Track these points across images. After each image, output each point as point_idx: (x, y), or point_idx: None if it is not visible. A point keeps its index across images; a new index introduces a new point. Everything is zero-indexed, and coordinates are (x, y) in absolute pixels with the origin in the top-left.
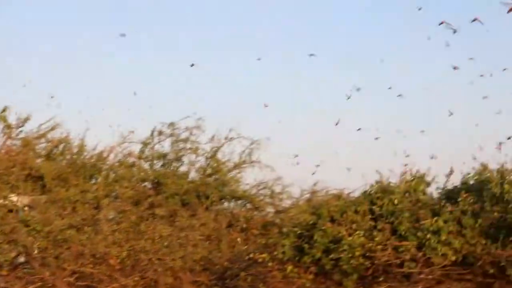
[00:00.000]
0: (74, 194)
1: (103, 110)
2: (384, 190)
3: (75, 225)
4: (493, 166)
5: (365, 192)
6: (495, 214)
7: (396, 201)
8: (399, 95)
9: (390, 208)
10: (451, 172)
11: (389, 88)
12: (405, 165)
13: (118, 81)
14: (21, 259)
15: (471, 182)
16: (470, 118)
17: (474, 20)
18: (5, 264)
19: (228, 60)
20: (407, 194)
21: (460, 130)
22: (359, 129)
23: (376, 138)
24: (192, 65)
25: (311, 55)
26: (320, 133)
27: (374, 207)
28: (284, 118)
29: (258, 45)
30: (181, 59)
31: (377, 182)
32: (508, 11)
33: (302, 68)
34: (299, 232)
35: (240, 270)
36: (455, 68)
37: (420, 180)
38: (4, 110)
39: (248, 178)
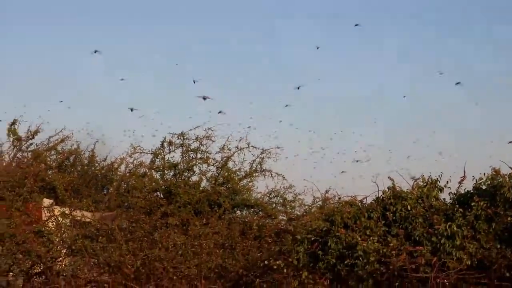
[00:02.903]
0: (87, 204)
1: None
2: (396, 196)
3: (89, 235)
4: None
5: (377, 198)
6: (509, 218)
7: (409, 207)
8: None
9: (403, 213)
10: (464, 177)
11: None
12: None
13: None
14: (36, 269)
15: (484, 187)
16: None
17: None
18: (20, 275)
19: None
20: (420, 200)
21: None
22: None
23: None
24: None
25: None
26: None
27: (387, 213)
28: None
29: None
30: None
31: (389, 188)
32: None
33: None
34: (313, 238)
35: (255, 277)
36: None
37: (432, 185)
38: (13, 123)
39: (260, 187)
